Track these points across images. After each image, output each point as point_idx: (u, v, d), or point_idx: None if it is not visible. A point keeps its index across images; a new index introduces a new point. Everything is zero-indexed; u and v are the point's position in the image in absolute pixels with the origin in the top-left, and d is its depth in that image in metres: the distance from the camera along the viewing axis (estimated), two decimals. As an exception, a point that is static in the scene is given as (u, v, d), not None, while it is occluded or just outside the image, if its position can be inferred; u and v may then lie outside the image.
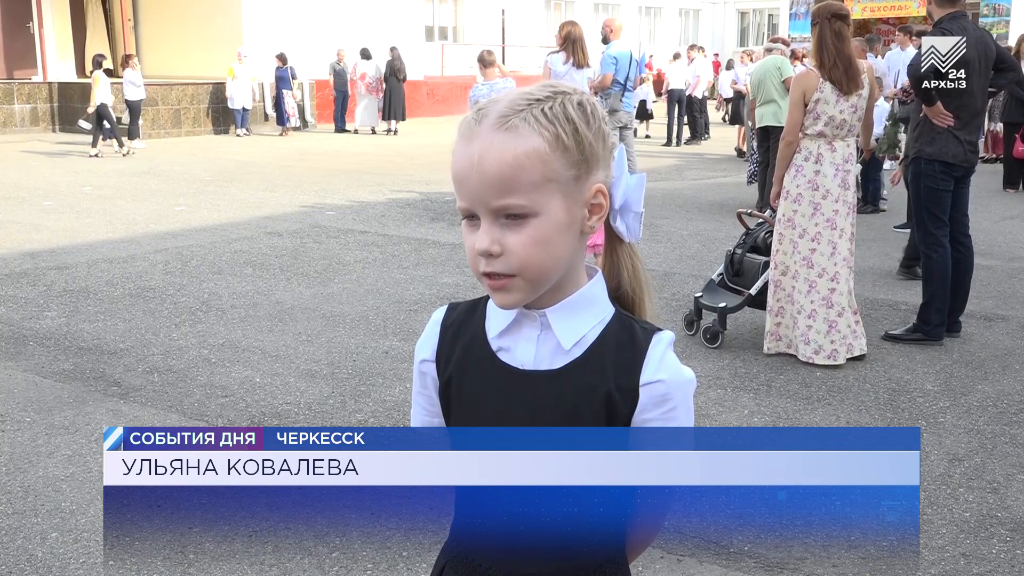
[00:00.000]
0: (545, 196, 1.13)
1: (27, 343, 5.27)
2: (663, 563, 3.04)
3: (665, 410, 1.21)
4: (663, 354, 1.21)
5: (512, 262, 1.14)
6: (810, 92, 4.99)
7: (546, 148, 1.12)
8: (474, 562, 1.29)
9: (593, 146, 1.16)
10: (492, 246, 1.14)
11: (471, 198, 1.15)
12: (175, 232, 8.60)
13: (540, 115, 1.13)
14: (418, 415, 1.37)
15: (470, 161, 1.13)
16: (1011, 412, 4.39)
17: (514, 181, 1.11)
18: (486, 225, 1.14)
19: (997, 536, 3.25)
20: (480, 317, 1.27)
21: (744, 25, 36.26)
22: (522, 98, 1.15)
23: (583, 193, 1.16)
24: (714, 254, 7.49)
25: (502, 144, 1.12)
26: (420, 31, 23.87)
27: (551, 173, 1.13)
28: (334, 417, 4.24)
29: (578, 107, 1.16)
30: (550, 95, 1.16)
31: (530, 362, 1.22)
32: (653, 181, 12.35)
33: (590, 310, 1.22)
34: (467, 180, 1.14)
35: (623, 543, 1.32)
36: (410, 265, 7.32)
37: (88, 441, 3.95)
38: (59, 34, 20.15)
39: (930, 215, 5.37)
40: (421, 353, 1.33)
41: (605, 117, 1.20)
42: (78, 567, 2.99)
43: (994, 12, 23.87)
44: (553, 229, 1.14)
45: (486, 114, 1.15)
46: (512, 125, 1.12)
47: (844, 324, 5.02)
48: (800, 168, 5.07)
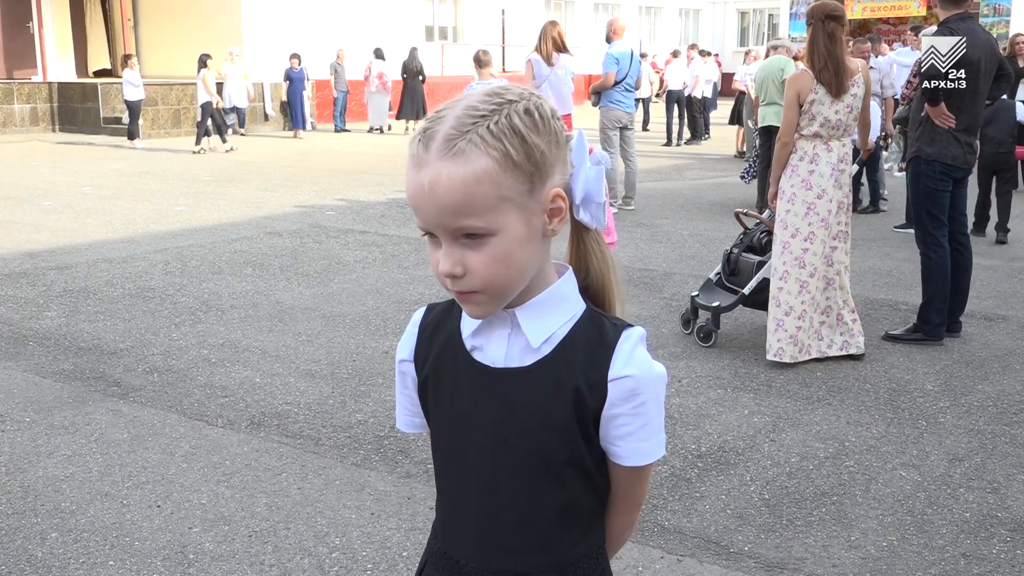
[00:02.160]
0: (501, 215, 1.13)
1: (27, 343, 5.27)
2: (663, 563, 3.04)
3: (634, 405, 1.21)
4: (632, 349, 1.21)
5: (475, 281, 1.15)
6: (805, 93, 4.99)
7: (496, 168, 1.11)
8: (453, 558, 1.31)
9: (545, 153, 1.15)
10: (455, 268, 1.15)
11: (428, 223, 1.16)
12: (175, 232, 8.60)
13: (486, 134, 1.11)
14: (402, 415, 1.40)
15: (421, 190, 1.13)
16: (1011, 412, 4.39)
17: (467, 206, 1.11)
18: (447, 247, 1.15)
19: (997, 536, 3.25)
20: (456, 317, 1.29)
21: (744, 25, 36.24)
22: (467, 115, 1.13)
23: (540, 202, 1.16)
24: (714, 254, 7.49)
25: (451, 171, 1.11)
26: (420, 31, 23.87)
27: (504, 191, 1.12)
28: (334, 417, 4.24)
29: (525, 115, 1.14)
30: (495, 108, 1.14)
31: (501, 360, 1.23)
32: (653, 181, 12.36)
33: (560, 307, 1.23)
34: (421, 207, 1.15)
35: (601, 537, 1.33)
36: (410, 265, 7.32)
37: (88, 441, 3.94)
38: (59, 34, 20.14)
39: (929, 215, 5.37)
40: (400, 353, 1.35)
41: (555, 114, 1.18)
42: (78, 567, 2.99)
43: (994, 12, 23.88)
44: (513, 244, 1.14)
45: (432, 136, 1.13)
46: (459, 149, 1.11)
47: (832, 322, 5.05)
48: (795, 168, 5.07)
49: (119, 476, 3.62)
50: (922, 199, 5.37)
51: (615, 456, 1.25)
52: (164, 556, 3.06)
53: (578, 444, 1.23)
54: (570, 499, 1.26)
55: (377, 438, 4.00)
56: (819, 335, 5.07)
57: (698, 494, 3.52)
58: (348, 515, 3.33)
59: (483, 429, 1.25)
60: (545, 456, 1.23)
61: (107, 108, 18.34)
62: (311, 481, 3.59)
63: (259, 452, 3.86)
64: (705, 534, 3.23)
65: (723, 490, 3.55)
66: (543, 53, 9.12)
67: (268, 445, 3.93)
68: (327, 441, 3.98)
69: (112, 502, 3.41)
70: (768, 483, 3.62)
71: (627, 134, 10.04)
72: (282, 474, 3.66)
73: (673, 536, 3.22)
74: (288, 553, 3.07)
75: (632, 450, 1.23)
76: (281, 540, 3.16)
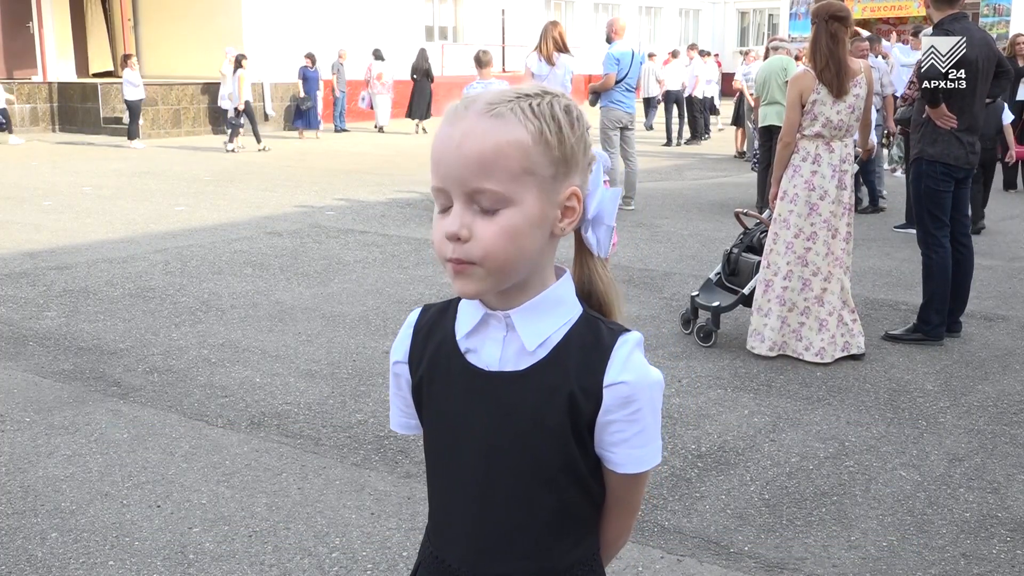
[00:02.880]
0: (522, 187, 1.13)
1: (27, 343, 5.27)
2: (663, 563, 3.04)
3: (630, 412, 1.19)
4: (628, 355, 1.19)
5: (476, 250, 1.13)
6: (807, 93, 4.99)
7: (529, 140, 1.12)
8: (446, 562, 1.29)
9: (574, 150, 1.17)
10: (461, 230, 1.13)
11: (446, 178, 1.14)
12: (175, 232, 8.60)
13: (527, 108, 1.14)
14: (396, 417, 1.38)
15: (451, 142, 1.13)
16: (1011, 412, 4.39)
17: (493, 166, 1.11)
18: (458, 208, 1.13)
19: (997, 536, 3.25)
20: (451, 318, 1.27)
21: (744, 25, 36.24)
22: (512, 91, 1.16)
23: (558, 193, 1.16)
24: (714, 254, 7.49)
25: (486, 129, 1.12)
26: (420, 31, 23.86)
27: (531, 165, 1.13)
28: (334, 417, 4.24)
29: (564, 110, 1.17)
30: (539, 93, 1.17)
31: (495, 363, 1.22)
32: (653, 181, 12.36)
33: (556, 311, 1.21)
34: (445, 159, 1.13)
35: (596, 544, 1.32)
36: (410, 265, 7.32)
37: (88, 441, 3.95)
38: (59, 34, 20.14)
39: (931, 216, 5.37)
40: (395, 355, 1.33)
41: (588, 127, 1.21)
42: (78, 567, 2.99)
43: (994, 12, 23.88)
44: (525, 222, 1.13)
45: (474, 101, 1.15)
46: (498, 112, 1.13)
47: (834, 323, 5.04)
48: (797, 168, 5.08)
49: (119, 476, 3.62)
50: (924, 200, 5.37)
51: (610, 463, 1.23)
52: (164, 556, 3.06)
53: (572, 450, 1.21)
54: (564, 505, 1.24)
55: (377, 438, 4.00)
56: (835, 333, 5.08)
57: (698, 494, 3.52)
58: (348, 515, 3.33)
59: (476, 433, 1.23)
60: (538, 461, 1.21)
61: (107, 108, 18.34)
62: (311, 481, 3.59)
63: (259, 452, 3.86)
64: (705, 534, 3.23)
65: (723, 490, 3.55)
66: (544, 53, 9.19)
67: (268, 445, 3.93)
68: (327, 441, 3.98)
69: (112, 502, 3.41)
70: (768, 483, 3.62)
71: (627, 134, 10.04)
72: (282, 474, 3.66)
73: (673, 536, 3.22)
74: (288, 553, 3.08)
75: (627, 457, 1.21)
76: (281, 540, 3.16)
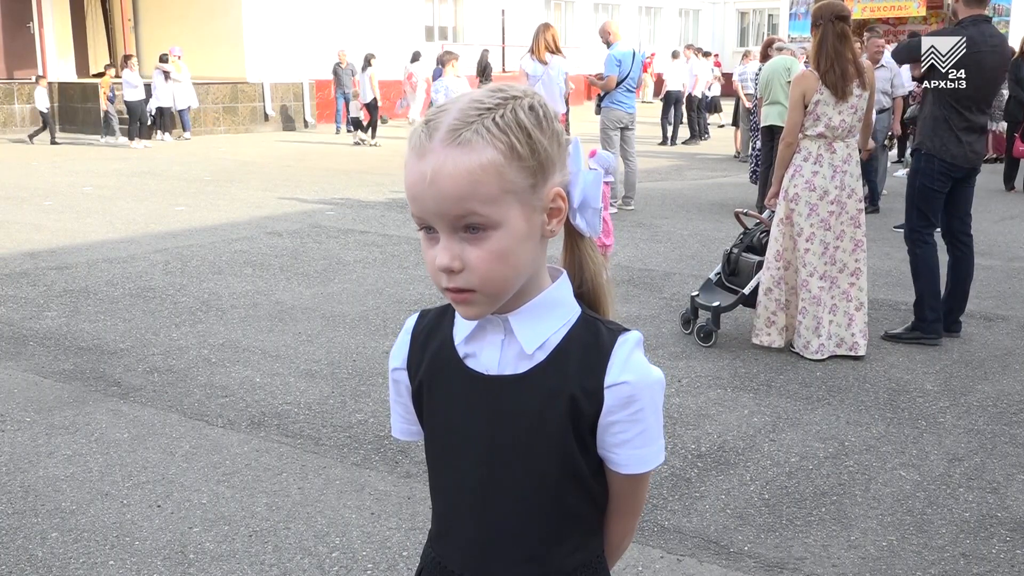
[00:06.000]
0: (503, 208, 1.11)
1: (27, 343, 5.27)
2: (663, 563, 3.04)
3: (632, 412, 1.18)
4: (629, 354, 1.19)
5: (472, 278, 1.12)
6: (810, 93, 4.99)
7: (501, 159, 1.10)
8: (448, 567, 1.28)
9: (548, 150, 1.14)
10: (452, 262, 1.11)
11: (425, 212, 1.12)
12: (175, 232, 8.60)
13: (492, 126, 1.10)
14: (397, 422, 1.37)
15: (423, 179, 1.10)
16: (1011, 412, 4.39)
17: (471, 196, 1.09)
18: (445, 240, 1.12)
19: (997, 536, 3.25)
20: (448, 323, 1.26)
21: (744, 25, 36.24)
22: (472, 108, 1.12)
23: (541, 199, 1.14)
24: (714, 254, 7.49)
25: (455, 160, 1.09)
26: (420, 31, 23.87)
27: (508, 184, 1.10)
28: (334, 417, 4.24)
29: (530, 111, 1.13)
30: (500, 102, 1.13)
31: (494, 367, 1.21)
32: (653, 181, 12.36)
33: (554, 313, 1.20)
34: (420, 196, 1.11)
35: (600, 546, 1.31)
36: (410, 265, 7.32)
37: (88, 441, 3.95)
38: (59, 34, 20.15)
39: (919, 212, 5.37)
40: (393, 361, 1.32)
41: (556, 115, 1.18)
42: (78, 567, 2.99)
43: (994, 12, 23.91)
44: (513, 241, 1.12)
45: (436, 127, 1.11)
46: (464, 139, 1.09)
47: (827, 322, 5.06)
48: (799, 168, 5.08)
49: (119, 476, 3.63)
50: (916, 195, 5.37)
51: (613, 464, 1.22)
52: (164, 556, 3.06)
53: (574, 452, 1.20)
54: (566, 508, 1.23)
55: (377, 438, 4.00)
56: (831, 332, 5.10)
57: (698, 494, 3.52)
58: (348, 515, 3.33)
59: (476, 437, 1.22)
60: (540, 465, 1.21)
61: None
62: (311, 481, 3.59)
63: (259, 452, 3.86)
64: (705, 534, 3.23)
65: (723, 490, 3.55)
66: (537, 55, 9.32)
67: (268, 445, 3.93)
68: (327, 441, 3.98)
69: (112, 502, 3.41)
70: (768, 483, 3.62)
71: (627, 134, 10.05)
72: (282, 474, 3.66)
73: (673, 536, 3.22)
74: (288, 553, 3.08)
75: (630, 457, 1.21)
76: (281, 540, 3.16)
